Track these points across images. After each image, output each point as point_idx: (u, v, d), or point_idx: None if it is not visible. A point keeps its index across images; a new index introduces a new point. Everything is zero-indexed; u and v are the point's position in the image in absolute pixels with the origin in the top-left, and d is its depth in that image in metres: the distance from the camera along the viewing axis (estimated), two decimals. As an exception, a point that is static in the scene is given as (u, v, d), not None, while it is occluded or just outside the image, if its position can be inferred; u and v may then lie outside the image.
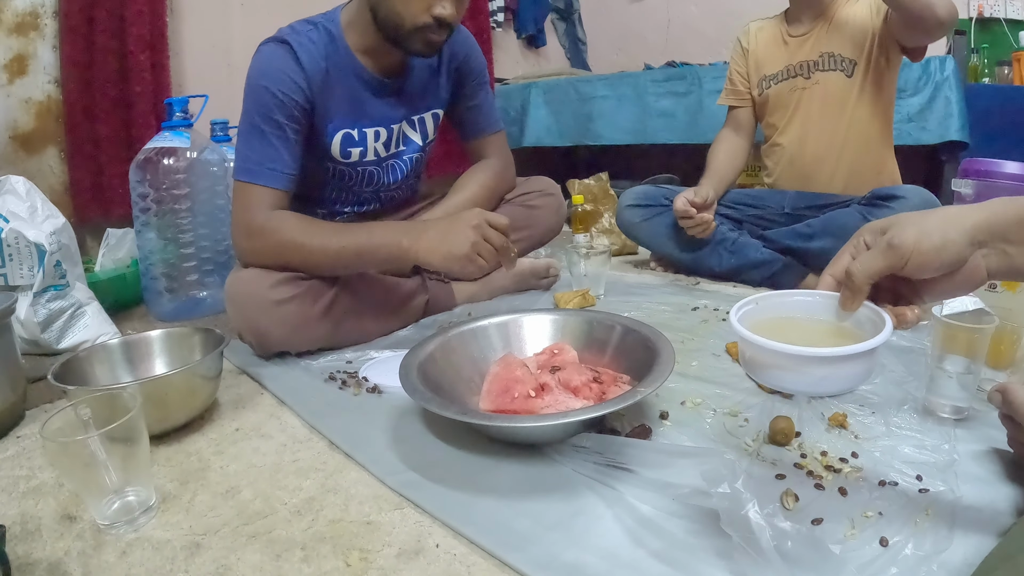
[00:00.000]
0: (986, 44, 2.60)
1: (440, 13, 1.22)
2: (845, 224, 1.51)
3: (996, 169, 1.12)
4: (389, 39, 1.28)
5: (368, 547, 0.73)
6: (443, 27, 1.24)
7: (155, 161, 1.62)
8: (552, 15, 3.77)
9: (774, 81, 1.77)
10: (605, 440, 0.85)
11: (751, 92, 1.85)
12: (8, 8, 1.79)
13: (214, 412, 1.09)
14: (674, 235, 1.78)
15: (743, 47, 1.85)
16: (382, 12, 1.24)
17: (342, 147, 1.35)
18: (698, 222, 1.65)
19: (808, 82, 1.72)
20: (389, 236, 1.23)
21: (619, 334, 1.08)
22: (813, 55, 1.71)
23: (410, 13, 1.22)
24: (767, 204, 1.80)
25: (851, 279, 0.62)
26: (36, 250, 1.35)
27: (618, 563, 0.67)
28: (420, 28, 1.23)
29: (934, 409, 0.95)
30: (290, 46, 1.25)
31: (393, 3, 1.22)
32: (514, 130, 3.07)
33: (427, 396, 0.89)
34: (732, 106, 1.90)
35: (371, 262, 1.27)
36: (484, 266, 1.19)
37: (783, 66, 1.76)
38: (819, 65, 1.70)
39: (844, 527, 0.71)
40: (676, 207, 1.66)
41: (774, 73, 1.78)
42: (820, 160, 1.73)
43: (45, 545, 0.76)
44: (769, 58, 1.79)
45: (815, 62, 1.70)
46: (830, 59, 1.68)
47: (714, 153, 1.85)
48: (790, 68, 1.74)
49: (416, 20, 1.22)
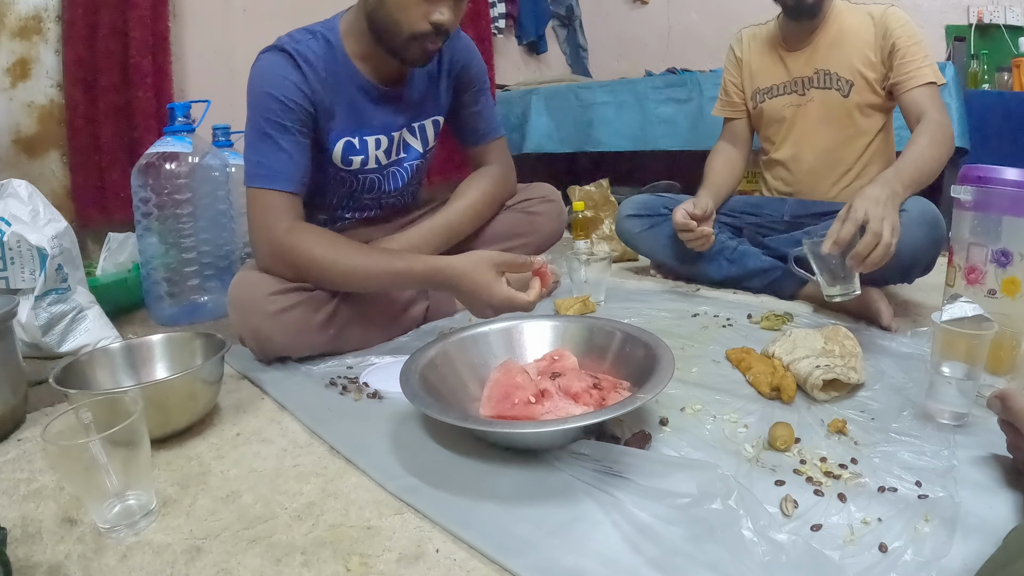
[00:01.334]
0: (986, 50, 2.60)
1: (439, 20, 1.21)
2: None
3: (996, 175, 1.12)
4: (385, 47, 1.28)
5: (368, 552, 0.73)
6: (440, 34, 1.24)
7: (157, 166, 1.62)
8: (553, 22, 3.78)
9: (768, 95, 1.75)
10: (604, 448, 0.86)
11: (746, 103, 1.83)
12: (11, 12, 1.80)
13: (215, 417, 1.09)
14: (673, 245, 1.76)
15: (736, 56, 1.83)
16: (379, 20, 1.24)
17: (343, 155, 1.36)
18: (698, 235, 1.63)
19: (803, 99, 1.69)
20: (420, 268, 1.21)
21: (619, 340, 1.08)
22: (808, 71, 1.67)
23: (408, 20, 1.21)
24: (766, 212, 1.79)
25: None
26: (38, 254, 1.35)
27: (617, 569, 0.67)
28: (417, 36, 1.23)
29: (933, 415, 0.95)
30: (289, 54, 1.26)
31: (391, 11, 1.22)
32: (515, 136, 3.07)
33: (427, 402, 0.90)
34: (728, 118, 1.89)
35: (402, 286, 1.30)
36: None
37: (778, 81, 1.73)
38: (814, 82, 1.67)
39: (843, 533, 0.71)
40: (676, 220, 1.63)
41: (768, 87, 1.75)
42: (817, 177, 1.72)
43: (46, 548, 0.76)
44: (763, 70, 1.76)
45: (809, 79, 1.67)
46: (825, 77, 1.65)
47: (711, 164, 1.83)
48: (785, 84, 1.72)
49: (414, 28, 1.22)
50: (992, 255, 1.13)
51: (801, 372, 1.05)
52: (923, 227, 1.36)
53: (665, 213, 1.78)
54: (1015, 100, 2.24)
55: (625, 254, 2.17)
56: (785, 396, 1.03)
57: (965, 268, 1.17)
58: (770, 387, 1.06)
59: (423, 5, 1.21)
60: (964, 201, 1.16)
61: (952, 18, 2.67)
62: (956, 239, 1.20)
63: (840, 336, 1.14)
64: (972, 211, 1.16)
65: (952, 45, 2.40)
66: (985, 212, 1.14)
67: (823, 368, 1.03)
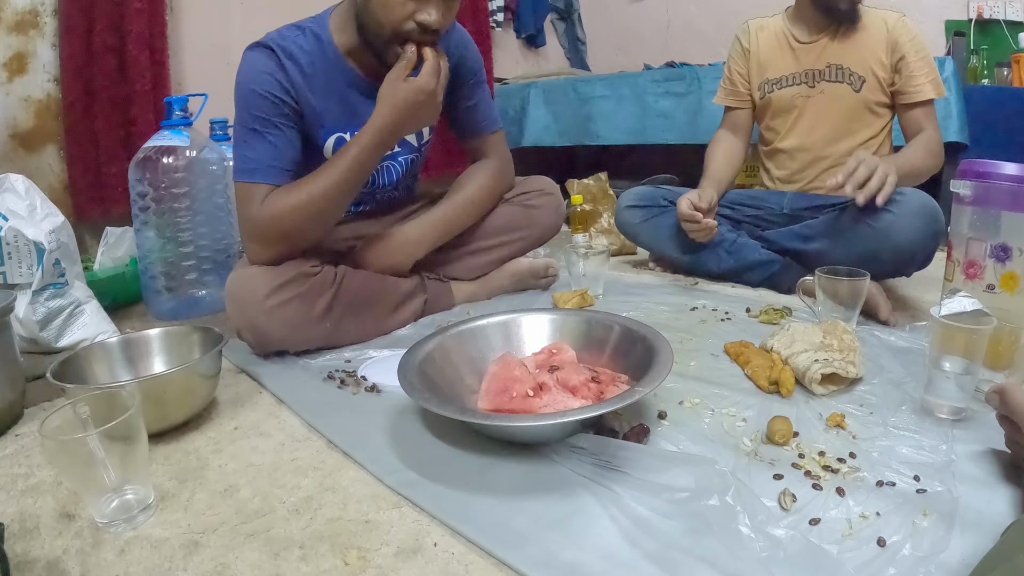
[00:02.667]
0: (985, 45, 2.60)
1: (424, 20, 1.20)
2: (844, 227, 1.51)
3: (995, 170, 1.12)
4: (371, 50, 1.28)
5: (366, 546, 0.73)
6: (427, 33, 1.23)
7: (154, 160, 1.62)
8: (552, 15, 3.77)
9: (777, 85, 1.76)
10: (601, 442, 0.85)
11: (751, 94, 1.83)
12: (7, 6, 1.79)
13: (213, 411, 1.09)
14: (674, 236, 1.77)
15: (743, 46, 1.83)
16: (364, 20, 1.24)
17: (335, 151, 1.35)
18: (703, 227, 1.63)
19: (813, 91, 1.71)
20: (364, 139, 1.26)
21: (617, 334, 1.08)
22: (820, 64, 1.69)
23: (391, 20, 1.20)
24: (766, 204, 1.78)
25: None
26: (35, 248, 1.35)
27: (615, 563, 0.67)
28: (401, 36, 1.22)
29: (932, 410, 0.95)
30: (272, 50, 1.26)
31: (374, 11, 1.21)
32: (513, 130, 3.07)
33: (425, 395, 0.90)
34: (730, 107, 1.89)
35: (369, 165, 1.29)
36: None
37: (788, 72, 1.74)
38: (825, 75, 1.69)
39: (842, 527, 0.71)
40: (681, 210, 1.63)
41: (778, 78, 1.75)
42: (820, 167, 1.73)
43: (44, 543, 0.76)
44: (773, 61, 1.77)
45: (821, 72, 1.69)
46: (838, 71, 1.67)
47: (712, 155, 1.84)
48: (796, 75, 1.73)
49: (399, 28, 1.21)
50: (991, 250, 1.13)
51: (800, 366, 1.05)
52: (922, 219, 1.36)
53: (664, 204, 1.78)
54: (1014, 95, 2.24)
55: (624, 247, 2.17)
56: (783, 390, 1.03)
57: (964, 263, 1.17)
58: (768, 381, 1.06)
59: (409, 4, 1.19)
60: (963, 196, 1.16)
61: (952, 13, 2.67)
62: (955, 234, 1.19)
63: (839, 330, 1.14)
64: (971, 206, 1.16)
65: (952, 40, 2.40)
66: (984, 207, 1.14)
67: (822, 362, 1.03)
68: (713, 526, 0.70)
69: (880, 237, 1.41)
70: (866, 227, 1.43)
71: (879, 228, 1.41)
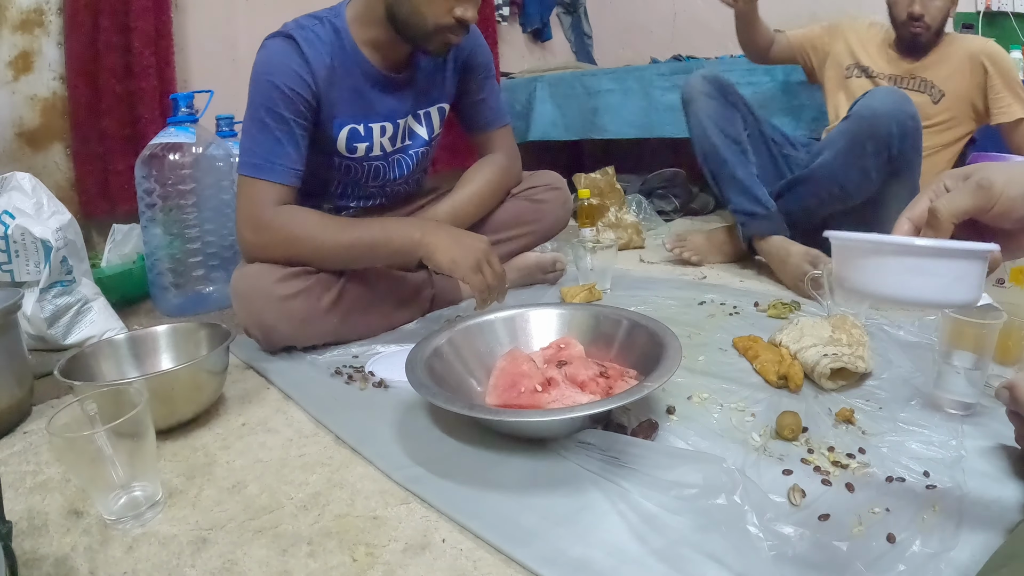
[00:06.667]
0: (994, 38, 2.57)
1: (462, 15, 1.23)
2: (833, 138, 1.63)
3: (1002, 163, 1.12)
4: (407, 38, 1.28)
5: (374, 542, 0.73)
6: (462, 28, 1.26)
7: (160, 157, 1.62)
8: (558, 9, 3.75)
9: (863, 73, 1.88)
10: (610, 438, 0.85)
11: (810, 58, 2.01)
12: (13, 5, 1.80)
13: (220, 407, 1.10)
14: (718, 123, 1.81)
15: (841, 28, 1.95)
16: (404, 11, 1.24)
17: (348, 142, 1.35)
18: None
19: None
20: (403, 229, 1.26)
21: (626, 328, 1.08)
22: (906, 74, 1.82)
23: (433, 13, 1.23)
24: (799, 143, 1.93)
25: (935, 216, 0.59)
26: (42, 246, 1.35)
27: (625, 559, 0.67)
28: (441, 29, 1.24)
29: (941, 405, 0.95)
30: (295, 41, 1.25)
31: (417, 3, 1.23)
32: (520, 124, 3.05)
33: (433, 391, 0.89)
34: (789, 36, 2.01)
35: (383, 255, 1.29)
36: (485, 280, 1.22)
37: (877, 67, 1.86)
38: (908, 84, 1.81)
39: (851, 523, 0.70)
40: None
41: (866, 66, 1.88)
42: None
43: (52, 540, 0.76)
44: (867, 54, 1.89)
45: (904, 79, 1.82)
46: (921, 83, 1.80)
47: None
48: (882, 74, 1.85)
49: (439, 20, 1.23)
50: (1002, 243, 1.12)
51: (808, 361, 1.05)
52: (892, 97, 1.50)
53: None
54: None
55: (631, 242, 2.16)
56: (792, 385, 1.02)
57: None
58: (777, 375, 1.05)
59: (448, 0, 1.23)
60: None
61: (961, 5, 2.60)
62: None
63: (847, 325, 1.13)
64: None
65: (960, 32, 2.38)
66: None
67: (831, 357, 1.02)
68: (721, 526, 0.69)
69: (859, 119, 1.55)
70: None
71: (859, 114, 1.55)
